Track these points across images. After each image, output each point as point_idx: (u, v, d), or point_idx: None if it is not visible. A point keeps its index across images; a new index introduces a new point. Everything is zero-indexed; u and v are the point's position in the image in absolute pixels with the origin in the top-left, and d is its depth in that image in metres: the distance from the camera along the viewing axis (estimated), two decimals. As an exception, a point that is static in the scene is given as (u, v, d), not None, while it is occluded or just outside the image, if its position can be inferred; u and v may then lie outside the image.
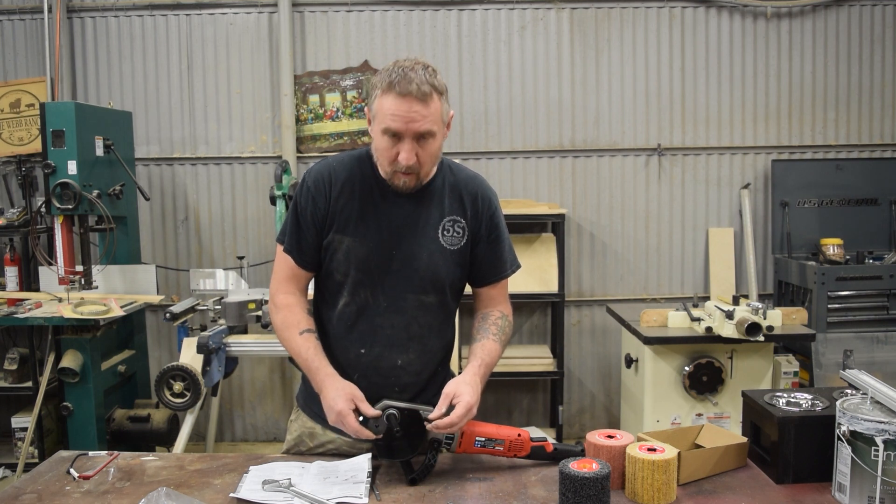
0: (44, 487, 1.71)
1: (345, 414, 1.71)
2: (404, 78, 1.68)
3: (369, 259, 1.83)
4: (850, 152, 4.75)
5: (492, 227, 1.92)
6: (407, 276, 1.84)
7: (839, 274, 4.16)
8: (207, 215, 4.74)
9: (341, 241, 1.83)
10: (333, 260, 1.85)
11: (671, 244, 4.78)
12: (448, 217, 1.87)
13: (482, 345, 1.87)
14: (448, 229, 1.86)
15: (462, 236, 1.88)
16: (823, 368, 4.08)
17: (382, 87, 1.71)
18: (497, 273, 1.95)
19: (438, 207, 1.87)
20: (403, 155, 1.72)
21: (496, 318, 1.94)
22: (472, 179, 1.93)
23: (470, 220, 1.89)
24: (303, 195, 1.86)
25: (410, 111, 1.68)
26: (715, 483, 1.67)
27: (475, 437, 1.75)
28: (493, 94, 4.68)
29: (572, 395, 4.85)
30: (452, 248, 1.87)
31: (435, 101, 1.71)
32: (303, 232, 1.86)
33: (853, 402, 1.58)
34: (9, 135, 4.47)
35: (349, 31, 4.63)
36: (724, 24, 4.67)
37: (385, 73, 1.72)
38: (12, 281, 4.19)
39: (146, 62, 4.66)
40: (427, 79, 1.70)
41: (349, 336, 1.87)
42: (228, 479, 1.73)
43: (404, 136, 1.71)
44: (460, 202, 1.89)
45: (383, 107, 1.71)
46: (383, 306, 1.85)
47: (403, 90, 1.67)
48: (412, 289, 1.85)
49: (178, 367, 3.38)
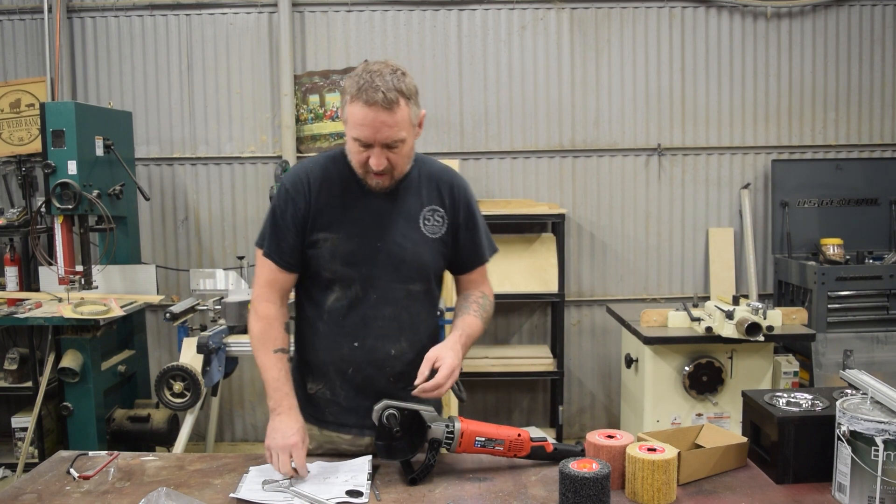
0: (44, 487, 1.71)
1: (297, 447, 1.75)
2: (371, 86, 1.70)
3: (356, 254, 1.86)
4: (850, 152, 4.75)
5: (469, 214, 1.97)
6: (394, 267, 1.88)
7: (839, 274, 4.16)
8: (207, 215, 4.74)
9: (326, 238, 1.86)
10: (320, 258, 1.87)
11: (671, 244, 4.78)
12: (427, 207, 1.92)
13: (463, 319, 1.93)
14: (428, 219, 1.92)
15: (442, 225, 1.93)
16: (823, 368, 4.08)
17: (351, 93, 1.73)
18: (477, 260, 2.01)
19: (417, 198, 1.91)
20: (374, 161, 1.76)
21: (477, 297, 2.00)
22: (445, 170, 1.99)
23: (448, 209, 1.94)
24: (281, 198, 1.88)
25: (377, 121, 1.71)
26: (715, 483, 1.67)
27: (475, 437, 1.75)
28: (493, 94, 4.68)
29: (572, 395, 4.85)
30: (434, 237, 1.92)
31: (402, 108, 1.73)
32: (283, 234, 1.87)
33: (853, 402, 1.58)
34: (9, 135, 4.47)
35: (349, 31, 4.64)
36: (724, 24, 4.67)
37: (354, 78, 1.74)
38: (12, 281, 4.19)
39: (146, 62, 4.66)
40: (394, 84, 1.71)
41: (341, 331, 1.89)
42: (228, 479, 1.73)
43: (373, 144, 1.75)
44: (438, 192, 1.94)
45: (352, 115, 1.74)
46: (373, 298, 1.88)
47: (370, 99, 1.69)
48: (400, 279, 1.89)
49: (178, 367, 3.38)
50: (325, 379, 1.92)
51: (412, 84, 1.77)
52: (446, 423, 1.73)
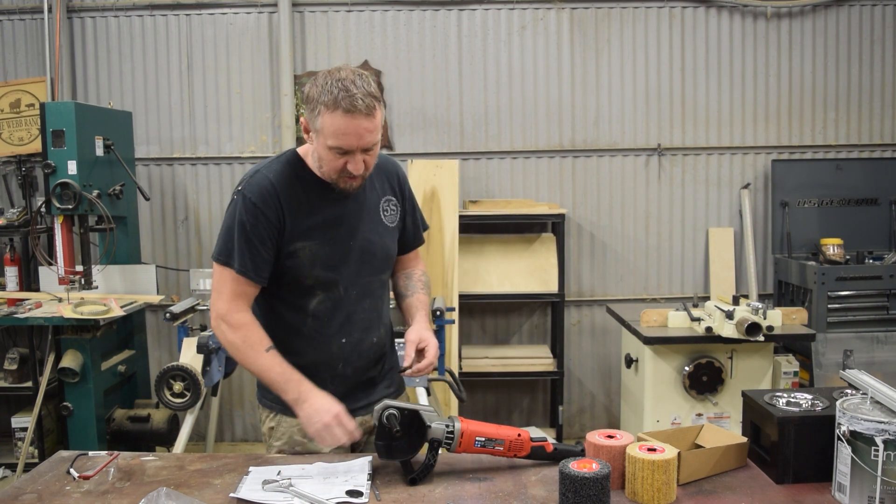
0: (44, 487, 1.71)
1: (342, 414, 1.79)
2: (348, 94, 1.71)
3: (332, 256, 1.90)
4: (850, 152, 4.75)
5: (411, 198, 2.10)
6: (367, 262, 1.96)
7: (839, 274, 4.16)
8: (207, 215, 4.74)
9: (304, 247, 1.87)
10: (300, 267, 1.88)
11: (671, 244, 4.78)
12: (384, 198, 2.01)
13: (417, 298, 2.06)
14: (386, 209, 2.02)
15: (396, 213, 2.04)
16: (823, 368, 4.08)
17: (326, 104, 1.72)
18: (418, 241, 2.14)
19: (373, 191, 1.99)
20: (353, 166, 1.79)
21: (419, 275, 2.13)
22: (387, 160, 2.08)
23: (398, 197, 2.05)
24: (248, 213, 1.84)
25: (360, 128, 1.74)
26: (715, 483, 1.67)
27: (475, 437, 1.75)
28: (493, 94, 4.68)
29: (572, 395, 4.85)
30: (392, 226, 2.03)
31: (378, 112, 1.77)
32: (256, 249, 1.85)
33: (853, 402, 1.58)
34: (9, 135, 4.47)
35: (349, 31, 4.64)
36: (724, 24, 4.67)
37: (324, 88, 1.73)
38: (12, 281, 4.18)
39: (146, 62, 4.66)
40: (367, 89, 1.74)
41: (327, 331, 1.93)
42: (228, 479, 1.73)
43: (355, 151, 1.77)
44: (388, 182, 2.04)
45: (331, 125, 1.73)
46: (353, 295, 1.94)
47: (350, 107, 1.71)
48: (373, 271, 1.99)
49: (178, 367, 3.38)
50: (314, 378, 1.89)
51: (376, 85, 1.81)
52: (446, 423, 1.73)
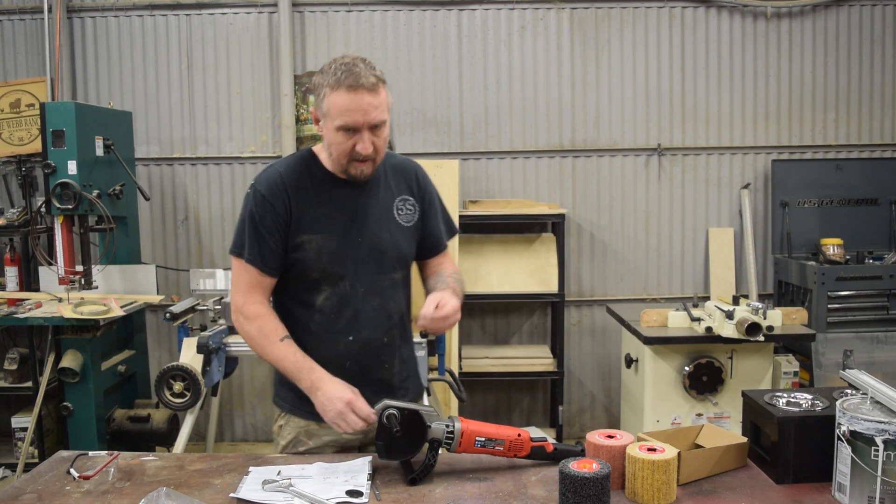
0: (44, 487, 1.71)
1: (354, 400, 1.78)
2: (351, 73, 1.75)
3: (339, 251, 1.89)
4: (850, 152, 4.75)
5: (434, 201, 2.07)
6: (376, 259, 1.94)
7: (839, 274, 4.16)
8: (207, 215, 4.74)
9: (310, 240, 1.88)
10: (306, 260, 1.88)
11: (671, 244, 4.78)
12: (399, 197, 1.99)
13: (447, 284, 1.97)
14: (401, 208, 1.99)
15: (413, 213, 2.02)
16: (823, 368, 4.08)
17: (330, 85, 1.77)
18: (442, 244, 2.10)
19: (387, 190, 1.98)
20: (361, 145, 1.79)
21: (451, 272, 2.06)
22: (406, 161, 2.08)
23: (417, 198, 2.03)
24: (258, 204, 1.88)
25: (363, 103, 1.75)
26: (715, 483, 1.67)
27: (475, 437, 1.75)
28: (493, 94, 4.68)
29: (572, 395, 4.85)
30: (408, 225, 2.00)
31: (383, 90, 1.79)
32: (264, 240, 1.87)
33: (853, 402, 1.58)
34: (9, 135, 4.47)
35: (349, 31, 4.64)
36: (724, 24, 4.67)
37: (328, 73, 1.78)
38: (12, 281, 4.18)
39: (146, 62, 4.66)
40: (371, 71, 1.77)
41: (334, 328, 1.92)
42: (228, 479, 1.73)
43: (361, 128, 1.78)
44: (405, 182, 2.02)
45: (336, 104, 1.76)
46: (361, 292, 1.92)
47: (354, 83, 1.74)
48: (383, 270, 1.95)
49: (178, 367, 3.38)
50: None
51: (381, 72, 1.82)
52: (446, 422, 1.73)
